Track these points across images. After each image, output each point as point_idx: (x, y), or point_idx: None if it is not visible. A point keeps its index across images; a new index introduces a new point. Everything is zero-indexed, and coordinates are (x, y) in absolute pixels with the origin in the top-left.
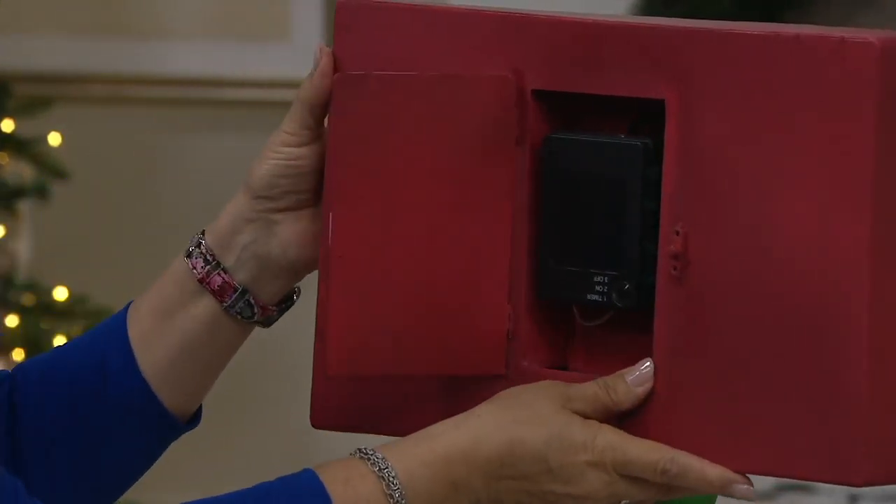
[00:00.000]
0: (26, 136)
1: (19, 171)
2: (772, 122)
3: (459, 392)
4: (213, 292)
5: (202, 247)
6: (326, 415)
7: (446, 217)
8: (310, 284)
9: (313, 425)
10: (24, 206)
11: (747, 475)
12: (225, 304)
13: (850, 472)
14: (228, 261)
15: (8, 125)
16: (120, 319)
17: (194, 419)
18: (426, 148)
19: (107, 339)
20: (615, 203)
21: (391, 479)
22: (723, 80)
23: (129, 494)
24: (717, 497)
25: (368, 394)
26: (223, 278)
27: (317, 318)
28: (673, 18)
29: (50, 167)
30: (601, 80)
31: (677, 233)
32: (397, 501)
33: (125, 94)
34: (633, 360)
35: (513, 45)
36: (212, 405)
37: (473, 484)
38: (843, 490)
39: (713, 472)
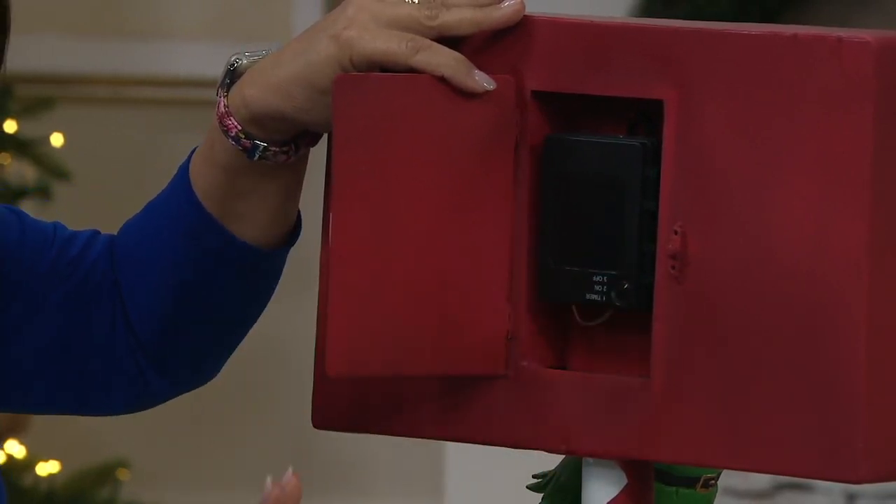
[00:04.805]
0: (28, 136)
1: (21, 171)
2: (770, 122)
3: (459, 392)
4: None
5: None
6: (327, 415)
7: (446, 217)
8: (309, 284)
9: (314, 426)
10: (26, 207)
11: None
12: (231, 136)
13: (849, 470)
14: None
15: (10, 126)
16: (185, 167)
17: (287, 241)
18: (426, 148)
19: (177, 187)
20: (614, 203)
21: None
22: (721, 81)
23: (130, 494)
24: (715, 495)
25: (369, 394)
26: (235, 121)
27: (317, 319)
28: (672, 19)
29: (52, 168)
30: (601, 80)
31: (676, 232)
32: None
33: (127, 95)
34: (633, 359)
35: (513, 46)
36: (213, 405)
37: None
38: (841, 488)
39: None
